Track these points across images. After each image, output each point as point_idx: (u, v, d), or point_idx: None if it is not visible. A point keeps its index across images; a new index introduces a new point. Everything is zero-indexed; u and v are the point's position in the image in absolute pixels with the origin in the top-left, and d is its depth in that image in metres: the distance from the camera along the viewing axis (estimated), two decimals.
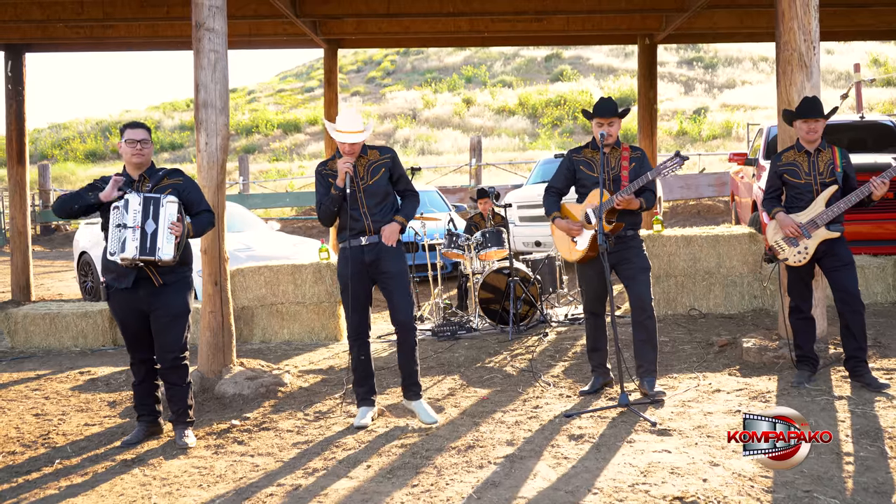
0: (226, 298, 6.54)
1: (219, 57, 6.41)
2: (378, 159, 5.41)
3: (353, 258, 5.31)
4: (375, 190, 5.34)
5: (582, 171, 5.78)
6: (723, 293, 8.54)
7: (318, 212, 5.42)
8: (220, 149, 6.44)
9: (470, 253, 8.99)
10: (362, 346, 5.48)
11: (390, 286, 5.37)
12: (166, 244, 4.98)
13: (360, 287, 5.36)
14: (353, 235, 5.32)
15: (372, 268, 5.35)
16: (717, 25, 11.06)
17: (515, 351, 7.57)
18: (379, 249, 5.32)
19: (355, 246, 5.33)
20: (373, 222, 5.32)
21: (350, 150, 5.25)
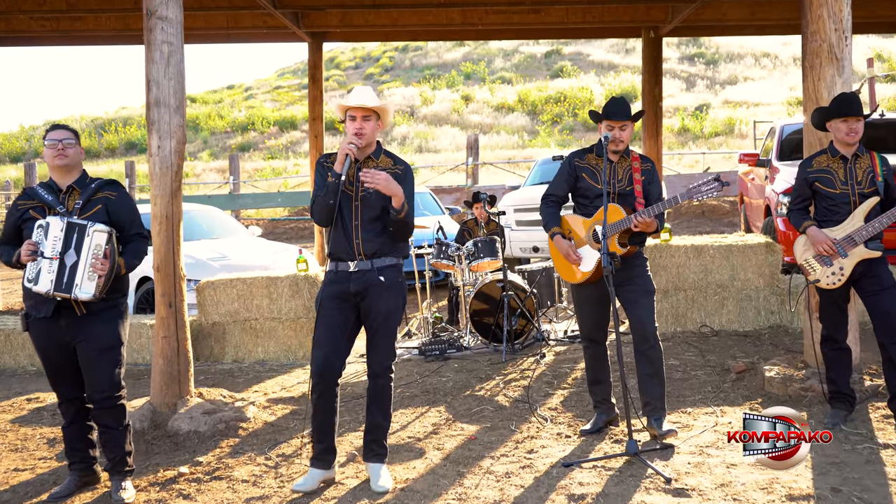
0: (182, 321, 5.81)
1: (173, 49, 5.68)
2: (388, 168, 4.51)
3: (335, 283, 4.47)
4: (374, 202, 4.43)
5: (585, 181, 5.04)
6: (737, 308, 7.81)
7: (311, 207, 4.56)
8: (175, 153, 5.71)
9: (461, 264, 8.26)
10: (326, 392, 4.51)
11: (374, 325, 4.49)
12: (86, 282, 4.27)
13: (338, 316, 4.48)
14: (340, 257, 4.47)
15: (358, 299, 4.47)
16: (727, 17, 10.34)
17: (509, 376, 6.84)
18: (369, 280, 4.43)
19: (341, 271, 4.47)
20: (363, 242, 4.42)
21: (358, 126, 4.40)
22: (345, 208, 4.45)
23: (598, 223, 4.92)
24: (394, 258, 4.52)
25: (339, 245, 4.47)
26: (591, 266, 4.90)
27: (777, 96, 36.97)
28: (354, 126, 4.41)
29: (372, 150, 4.54)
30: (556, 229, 5.03)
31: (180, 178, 5.77)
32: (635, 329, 4.86)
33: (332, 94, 44.65)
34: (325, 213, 4.43)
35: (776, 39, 44.70)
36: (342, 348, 4.48)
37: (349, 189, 4.47)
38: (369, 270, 4.44)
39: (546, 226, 5.06)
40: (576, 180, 5.08)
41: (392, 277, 4.49)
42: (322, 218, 4.47)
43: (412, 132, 36.45)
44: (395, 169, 4.51)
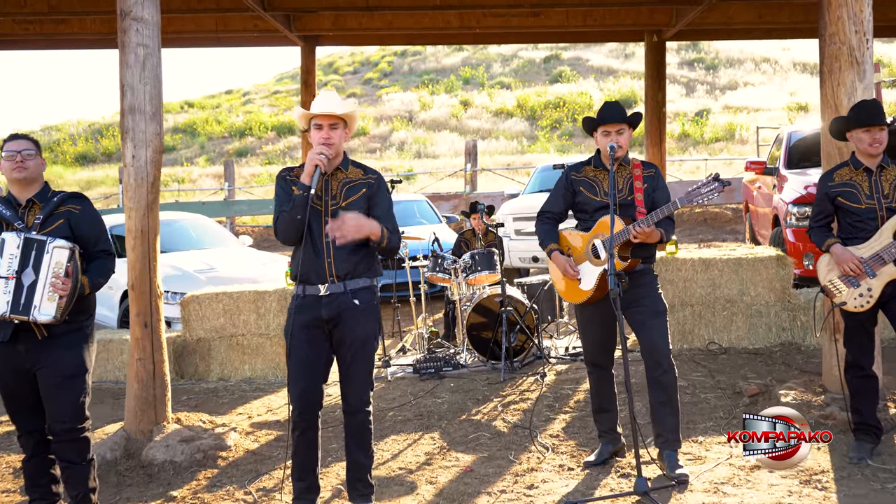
0: (158, 343, 5.45)
1: (149, 52, 5.32)
2: (359, 178, 4.18)
3: (305, 310, 4.09)
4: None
5: (583, 194, 4.69)
6: (746, 325, 7.45)
7: (274, 225, 4.13)
8: (151, 162, 5.35)
9: (457, 277, 7.89)
10: (308, 429, 4.14)
11: (349, 355, 4.09)
12: (46, 303, 3.91)
13: (311, 350, 4.09)
14: (309, 279, 4.09)
15: (330, 326, 4.10)
16: (733, 20, 9.98)
17: (508, 398, 6.47)
18: (342, 304, 4.05)
19: (311, 295, 4.08)
20: (336, 262, 4.03)
21: (326, 136, 4.05)
22: (314, 225, 4.08)
23: (596, 237, 4.56)
24: (368, 279, 4.15)
25: (307, 266, 4.07)
26: (593, 283, 4.55)
27: (777, 101, 36.77)
28: (321, 135, 4.07)
29: (340, 160, 4.19)
30: (553, 246, 4.69)
31: (157, 189, 5.41)
32: (646, 353, 4.50)
33: None
34: (292, 229, 4.06)
35: (776, 44, 44.51)
36: (319, 382, 4.13)
37: (317, 203, 4.11)
38: (342, 293, 4.06)
39: (543, 243, 4.73)
40: (573, 195, 4.74)
41: (367, 300, 4.13)
42: (289, 235, 4.10)
43: (410, 137, 36.19)
44: (366, 179, 4.19)
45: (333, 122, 4.08)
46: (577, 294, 4.63)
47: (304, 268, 4.08)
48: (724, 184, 4.23)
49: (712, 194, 4.23)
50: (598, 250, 4.53)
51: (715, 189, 4.23)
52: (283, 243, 4.18)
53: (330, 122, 4.07)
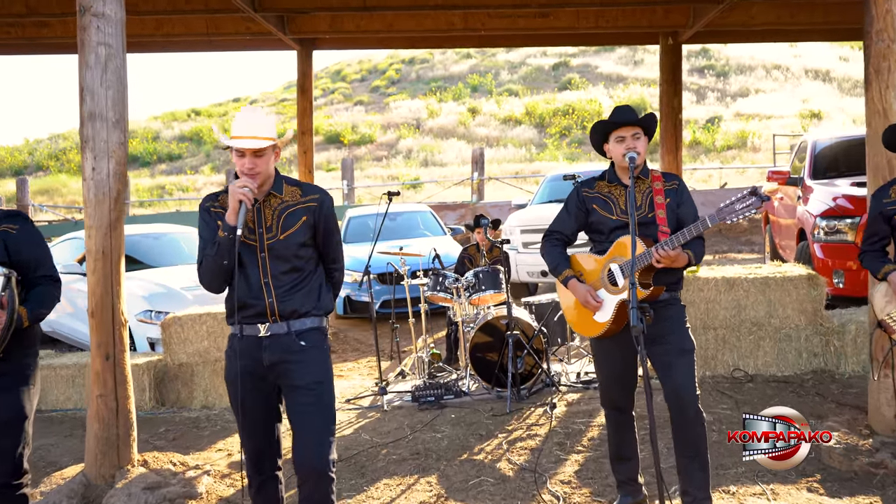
0: (122, 377, 4.87)
1: (111, 53, 4.77)
2: (298, 202, 3.57)
3: (244, 355, 3.51)
4: (285, 250, 3.50)
5: (597, 213, 4.09)
6: (774, 349, 6.83)
7: (198, 268, 3.55)
8: (114, 175, 4.78)
9: (459, 297, 7.30)
10: (266, 483, 3.60)
11: (299, 408, 3.47)
12: None
13: (256, 399, 3.53)
14: (247, 319, 3.51)
15: (274, 374, 3.52)
16: (755, 21, 9.38)
17: (514, 433, 5.87)
18: (286, 346, 3.49)
19: (250, 336, 3.51)
20: (278, 301, 3.47)
21: (250, 167, 3.42)
22: (248, 264, 3.50)
23: (613, 261, 3.97)
24: (316, 318, 3.56)
25: (244, 305, 3.50)
26: (610, 315, 3.95)
27: (790, 108, 36.25)
28: (244, 165, 3.43)
29: (270, 184, 3.57)
30: (568, 272, 4.09)
31: (120, 205, 4.84)
32: (671, 399, 3.89)
33: (338, 107, 44.05)
34: (218, 277, 3.49)
35: (787, 51, 43.97)
36: (273, 432, 3.60)
37: (251, 239, 3.50)
38: (286, 334, 3.49)
39: (555, 270, 4.12)
40: (586, 214, 4.14)
41: (316, 341, 3.54)
42: (215, 284, 3.53)
43: (418, 145, 35.76)
44: (307, 202, 3.59)
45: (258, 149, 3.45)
46: (592, 326, 4.03)
47: (240, 306, 3.50)
48: (764, 199, 3.64)
49: (749, 211, 3.63)
50: (615, 276, 3.94)
51: (752, 205, 3.63)
52: (207, 289, 3.58)
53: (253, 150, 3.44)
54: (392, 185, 26.18)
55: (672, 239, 3.77)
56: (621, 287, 3.90)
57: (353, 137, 37.52)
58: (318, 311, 3.56)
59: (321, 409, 3.48)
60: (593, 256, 4.09)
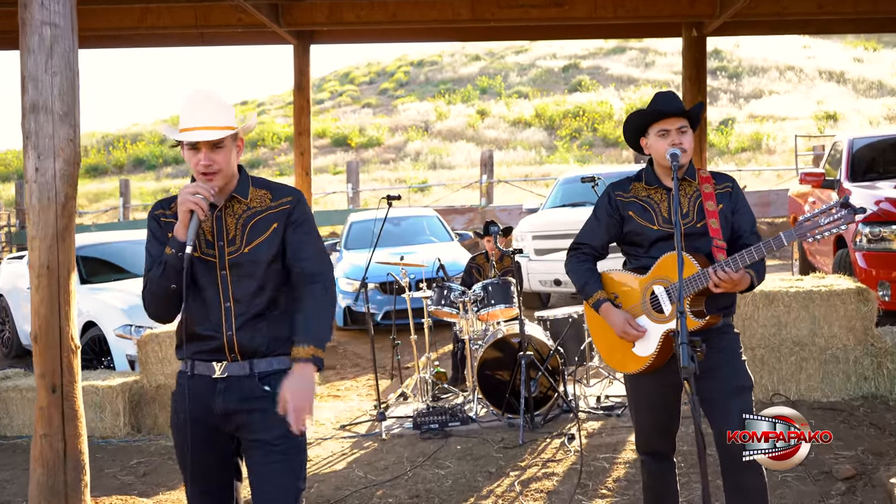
0: (72, 412, 4.18)
1: (59, 34, 4.08)
2: (267, 207, 2.86)
3: (194, 398, 2.79)
4: (252, 266, 2.79)
5: (634, 221, 3.36)
6: (819, 372, 6.09)
7: (142, 294, 2.86)
8: (61, 177, 4.09)
9: (466, 313, 6.59)
10: None
11: (261, 468, 2.76)
12: None
13: (208, 456, 2.83)
14: (199, 354, 2.81)
15: (231, 425, 2.81)
16: (787, 10, 8.64)
17: (528, 469, 5.15)
18: (246, 392, 2.77)
19: (201, 376, 2.80)
20: (238, 333, 2.77)
21: (207, 164, 2.74)
22: (205, 285, 2.79)
23: (657, 282, 3.24)
24: (288, 356, 2.79)
25: (197, 336, 2.80)
26: (653, 348, 3.23)
27: (804, 110, 35.63)
28: (199, 162, 2.74)
29: (233, 185, 2.87)
30: (600, 295, 3.34)
31: (70, 212, 4.15)
32: (724, 446, 3.17)
33: (346, 109, 43.50)
34: (164, 304, 2.78)
35: (800, 52, 43.35)
36: (230, 496, 2.90)
37: (208, 254, 2.80)
38: (247, 377, 2.78)
39: (584, 290, 3.38)
40: (621, 223, 3.41)
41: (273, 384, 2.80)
42: (161, 312, 2.82)
43: (426, 148, 35.24)
44: (277, 206, 2.87)
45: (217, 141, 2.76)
46: (631, 361, 3.31)
47: (191, 334, 2.79)
48: (857, 212, 2.92)
49: (837, 227, 2.92)
50: (660, 302, 3.22)
51: (842, 220, 2.92)
52: (151, 316, 2.85)
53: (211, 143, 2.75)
54: (399, 189, 25.56)
55: (738, 258, 3.06)
56: (668, 315, 3.19)
57: (361, 140, 37.03)
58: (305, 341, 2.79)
59: (289, 470, 2.76)
60: (632, 275, 3.36)
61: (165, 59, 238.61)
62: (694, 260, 3.13)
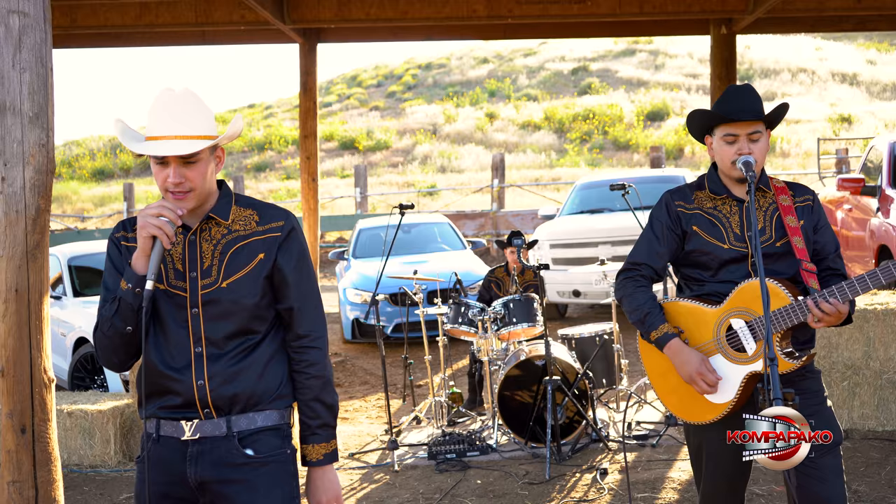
0: (45, 456, 3.65)
1: (29, 24, 3.57)
2: (253, 232, 2.36)
3: (158, 466, 2.30)
4: (232, 305, 2.30)
5: (700, 238, 2.83)
6: (874, 399, 5.56)
7: (93, 333, 2.34)
8: (32, 188, 3.58)
9: (486, 332, 6.07)
10: None
11: None
12: None
13: None
14: (164, 410, 2.31)
15: (206, 498, 2.31)
16: (825, 6, 8.11)
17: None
18: (222, 457, 2.28)
19: (169, 438, 2.31)
20: (212, 382, 2.28)
21: (177, 181, 2.24)
22: (171, 324, 2.29)
23: (736, 314, 2.71)
24: (275, 412, 2.34)
25: (160, 389, 2.30)
26: (733, 393, 2.69)
27: (818, 113, 35.17)
28: (167, 178, 2.25)
29: (211, 204, 2.37)
30: (667, 328, 2.78)
31: (43, 227, 3.63)
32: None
33: (353, 112, 43.11)
34: (119, 349, 2.29)
35: (813, 54, 42.88)
36: None
37: (178, 287, 2.29)
38: (223, 438, 2.28)
39: (644, 321, 2.82)
40: (682, 239, 2.89)
41: (271, 447, 2.32)
42: (112, 358, 2.33)
43: (435, 151, 34.86)
44: (266, 231, 2.35)
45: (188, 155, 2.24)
46: (703, 408, 2.77)
47: (154, 389, 2.30)
48: None
49: None
50: (740, 339, 2.69)
51: None
52: (108, 368, 2.37)
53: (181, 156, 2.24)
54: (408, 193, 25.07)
55: (852, 287, 2.55)
56: (752, 354, 2.66)
57: (369, 143, 36.70)
58: (282, 400, 2.34)
59: None
60: (700, 305, 2.81)
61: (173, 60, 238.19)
62: (784, 289, 2.61)
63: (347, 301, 9.73)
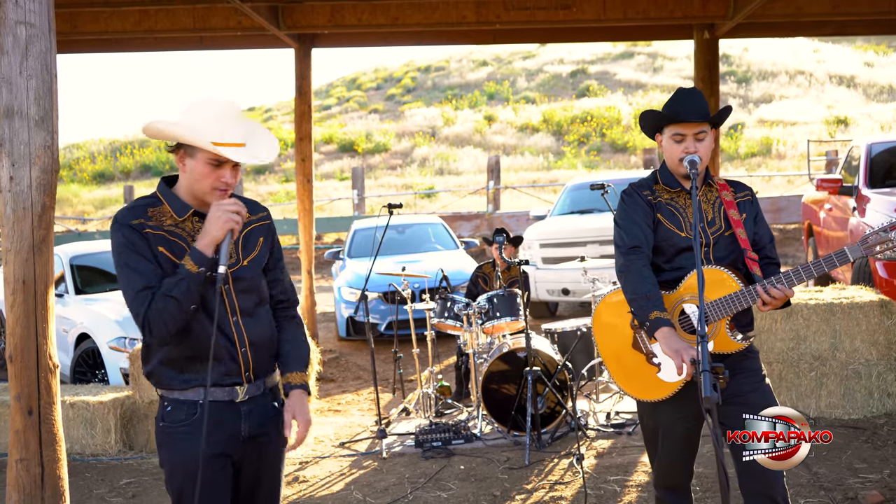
0: (50, 437, 3.93)
1: (35, 34, 3.84)
2: (251, 221, 2.80)
3: (217, 428, 2.62)
4: (252, 280, 2.74)
5: (664, 227, 3.10)
6: (840, 388, 5.82)
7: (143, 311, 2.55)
8: (38, 186, 3.85)
9: (470, 326, 6.34)
10: None
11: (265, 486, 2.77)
12: None
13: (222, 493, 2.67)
14: (215, 377, 2.62)
15: (247, 448, 2.71)
16: (803, 11, 8.37)
17: (534, 493, 4.90)
18: (264, 412, 2.73)
19: (223, 402, 2.65)
20: (252, 349, 2.68)
21: (231, 182, 2.65)
22: (210, 300, 2.62)
23: (688, 299, 2.98)
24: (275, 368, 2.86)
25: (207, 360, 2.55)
26: (685, 373, 2.95)
27: (814, 115, 35.35)
28: (221, 178, 2.63)
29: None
30: (661, 314, 2.95)
31: (48, 223, 3.91)
32: (747, 487, 2.91)
33: (353, 115, 43.32)
34: (180, 323, 2.58)
35: (811, 56, 43.02)
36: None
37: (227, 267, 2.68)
38: (261, 396, 2.74)
39: (646, 304, 2.97)
40: (655, 225, 3.14)
41: (279, 398, 2.84)
42: (172, 331, 2.59)
43: (433, 154, 35.05)
44: (259, 220, 2.83)
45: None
46: (654, 386, 3.04)
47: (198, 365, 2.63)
48: None
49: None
50: (694, 323, 2.95)
51: None
52: (157, 338, 2.62)
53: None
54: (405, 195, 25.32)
55: (797, 274, 2.83)
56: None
57: (368, 146, 36.88)
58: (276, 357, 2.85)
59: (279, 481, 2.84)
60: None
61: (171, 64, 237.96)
62: (734, 277, 2.87)
63: (342, 299, 9.98)
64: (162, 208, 2.69)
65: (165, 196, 2.69)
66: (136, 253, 2.63)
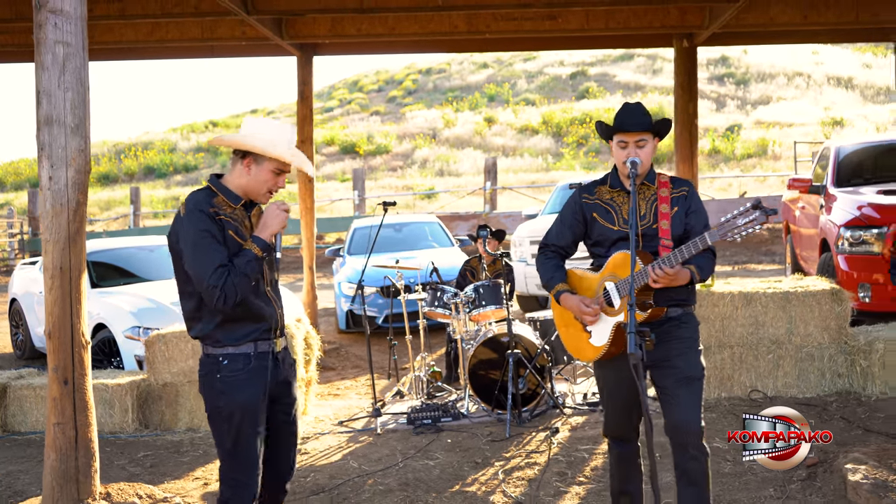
0: (83, 403, 4.50)
1: (70, 52, 4.41)
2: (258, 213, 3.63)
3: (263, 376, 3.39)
4: (271, 257, 3.53)
5: (598, 223, 3.68)
6: (795, 369, 6.37)
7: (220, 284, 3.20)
8: (74, 185, 4.42)
9: (459, 314, 6.89)
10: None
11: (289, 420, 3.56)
12: None
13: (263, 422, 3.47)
14: (263, 334, 3.41)
15: (277, 391, 3.51)
16: (774, 21, 8.92)
17: (512, 460, 5.45)
18: (290, 360, 3.61)
19: (265, 353, 3.42)
20: (280, 312, 3.54)
21: (282, 186, 3.48)
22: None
23: (608, 278, 3.55)
24: None
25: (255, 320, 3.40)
26: (606, 338, 3.53)
27: (811, 116, 35.74)
28: (277, 184, 3.45)
29: None
30: (561, 286, 3.69)
31: (81, 217, 4.48)
32: (671, 433, 3.47)
33: (354, 117, 43.84)
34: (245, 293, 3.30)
35: (809, 58, 43.43)
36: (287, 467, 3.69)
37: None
38: (285, 348, 3.57)
39: (548, 283, 3.73)
40: (585, 224, 3.73)
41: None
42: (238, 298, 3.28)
43: (433, 155, 35.49)
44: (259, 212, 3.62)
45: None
46: (587, 350, 3.62)
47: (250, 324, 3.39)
48: (768, 213, 3.20)
49: (753, 227, 3.20)
50: (611, 296, 3.52)
51: (756, 220, 3.20)
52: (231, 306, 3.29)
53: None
54: (406, 196, 25.88)
55: (671, 256, 3.36)
56: (617, 308, 3.48)
57: (369, 148, 37.32)
58: None
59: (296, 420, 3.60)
60: (589, 272, 3.68)
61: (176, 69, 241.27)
62: (638, 258, 3.43)
63: (342, 294, 10.54)
64: (218, 199, 3.35)
65: (220, 189, 3.37)
66: (211, 235, 3.28)
